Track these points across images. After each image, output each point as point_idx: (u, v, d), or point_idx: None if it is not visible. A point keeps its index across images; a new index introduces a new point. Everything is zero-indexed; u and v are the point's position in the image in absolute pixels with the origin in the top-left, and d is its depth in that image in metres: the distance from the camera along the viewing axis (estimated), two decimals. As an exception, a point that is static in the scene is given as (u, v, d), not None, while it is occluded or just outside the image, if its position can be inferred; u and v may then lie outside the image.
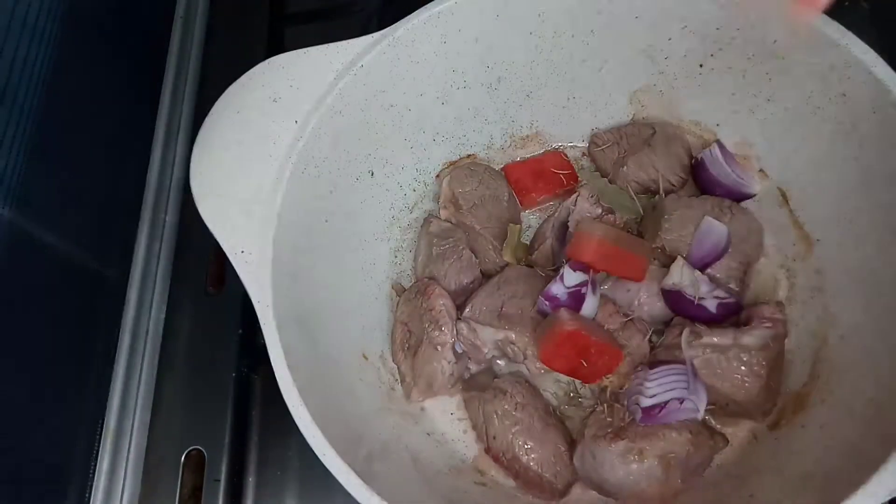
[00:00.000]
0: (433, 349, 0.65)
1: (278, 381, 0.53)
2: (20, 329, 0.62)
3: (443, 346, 0.65)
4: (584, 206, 0.69)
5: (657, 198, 0.72)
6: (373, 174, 0.70)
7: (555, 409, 0.66)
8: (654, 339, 0.65)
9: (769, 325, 0.61)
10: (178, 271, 0.79)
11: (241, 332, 0.74)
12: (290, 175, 0.60)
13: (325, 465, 0.51)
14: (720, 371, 0.61)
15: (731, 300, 0.64)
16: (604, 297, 0.66)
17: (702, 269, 0.66)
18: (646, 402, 0.59)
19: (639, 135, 0.74)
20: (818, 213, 0.67)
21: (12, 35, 0.63)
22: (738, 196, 0.71)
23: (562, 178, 0.76)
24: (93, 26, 0.76)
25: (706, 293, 0.64)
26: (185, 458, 0.70)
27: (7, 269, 0.60)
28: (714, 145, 0.71)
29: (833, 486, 0.50)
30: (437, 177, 0.77)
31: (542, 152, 0.79)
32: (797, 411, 0.62)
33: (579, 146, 0.79)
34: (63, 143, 0.69)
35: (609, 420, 0.61)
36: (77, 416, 0.70)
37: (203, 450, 0.70)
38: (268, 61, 0.64)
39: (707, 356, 0.61)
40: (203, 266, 0.78)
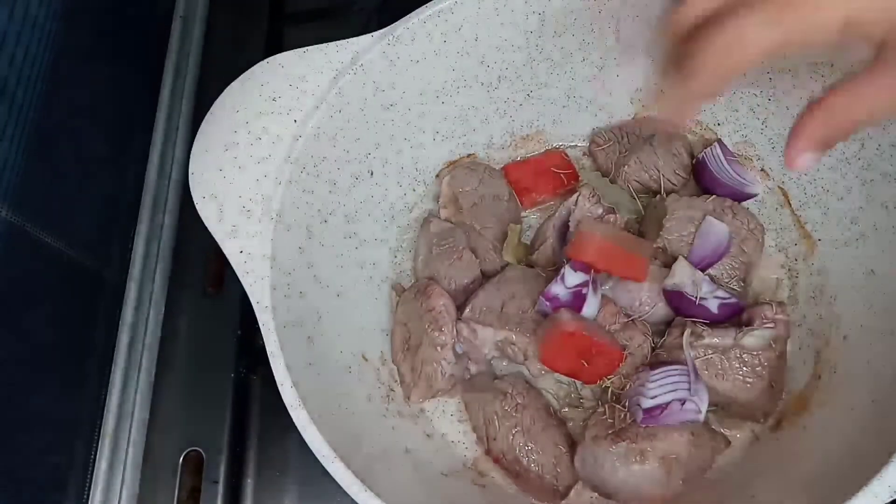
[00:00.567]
0: (433, 350, 0.65)
1: (277, 383, 0.53)
2: (17, 329, 0.62)
3: (443, 347, 0.65)
4: (584, 206, 0.69)
5: (657, 198, 0.72)
6: (372, 174, 0.70)
7: (555, 411, 0.66)
8: (656, 340, 0.65)
9: (771, 325, 0.61)
10: (176, 272, 0.79)
11: (239, 333, 0.74)
12: (289, 175, 0.60)
13: (323, 467, 0.50)
14: (722, 372, 0.60)
15: (733, 300, 0.64)
16: (604, 297, 0.65)
17: (703, 270, 0.66)
18: (647, 403, 0.59)
19: (640, 134, 0.74)
20: (820, 213, 0.67)
21: (10, 33, 0.62)
22: (740, 196, 0.70)
23: (562, 178, 0.76)
24: (91, 25, 0.76)
25: (707, 293, 0.63)
26: (183, 459, 0.69)
27: (4, 269, 0.60)
28: (715, 145, 0.71)
29: (835, 487, 0.49)
30: (437, 176, 0.77)
31: (542, 152, 0.79)
32: (799, 412, 0.61)
33: (580, 145, 0.79)
34: (61, 142, 0.69)
35: (610, 421, 0.60)
36: (75, 417, 0.70)
37: (201, 451, 0.69)
38: (267, 60, 0.63)
39: (708, 357, 0.61)
40: (202, 267, 0.78)
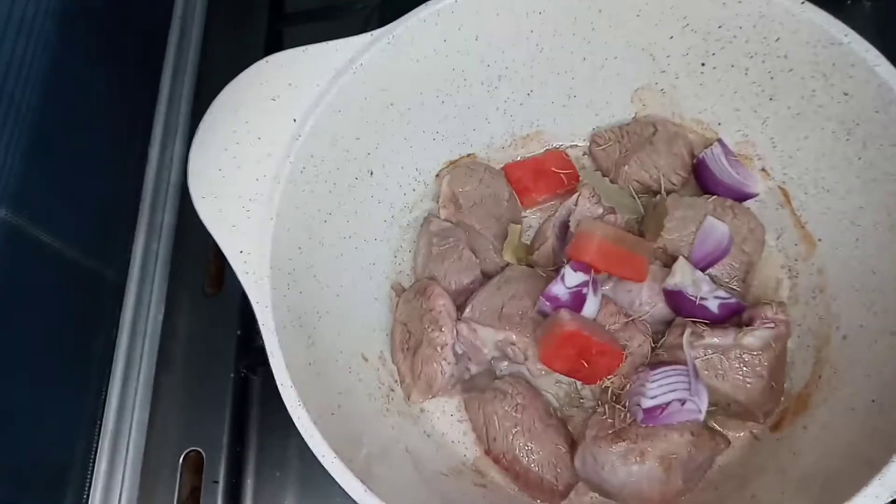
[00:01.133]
0: (433, 350, 0.65)
1: (277, 382, 0.53)
2: (17, 330, 0.62)
3: (443, 347, 0.65)
4: (585, 206, 0.69)
5: (658, 197, 0.72)
6: (372, 173, 0.70)
7: (556, 410, 0.66)
8: (656, 340, 0.65)
9: (772, 325, 0.61)
10: (176, 272, 0.79)
11: (239, 332, 0.74)
12: (288, 174, 0.60)
13: (323, 467, 0.50)
14: (722, 372, 0.60)
15: (733, 300, 0.64)
16: (605, 297, 0.65)
17: (703, 270, 0.65)
18: (647, 403, 0.59)
19: (640, 133, 0.74)
20: (820, 213, 0.67)
21: (9, 34, 0.62)
22: (740, 196, 0.70)
23: (563, 178, 0.75)
24: (90, 25, 0.76)
25: (707, 293, 0.63)
26: (183, 459, 0.69)
27: (4, 269, 0.60)
28: (716, 144, 0.71)
29: (835, 487, 0.49)
30: (437, 176, 0.76)
31: (542, 151, 0.79)
32: (799, 412, 0.61)
33: (580, 145, 0.79)
34: (60, 142, 0.69)
35: (610, 421, 0.60)
36: (75, 417, 0.70)
37: (201, 451, 0.69)
38: (266, 59, 0.63)
39: (709, 357, 0.60)
40: (201, 266, 0.78)
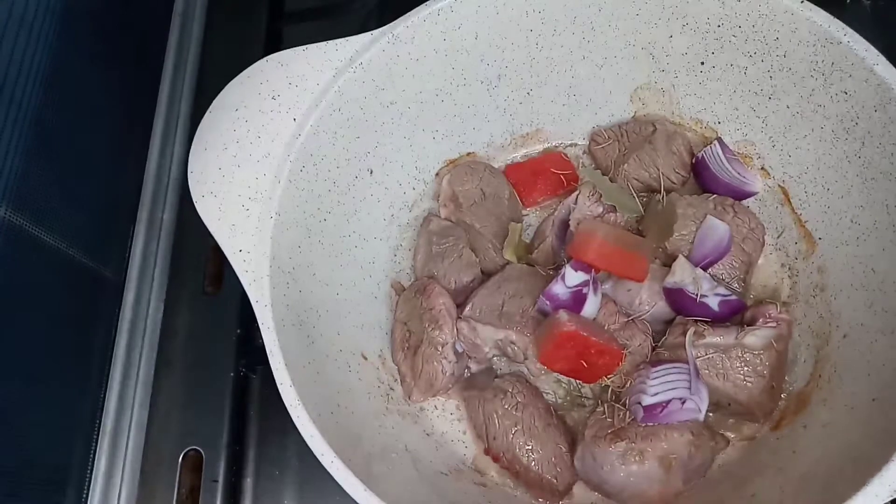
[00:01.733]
0: (433, 349, 0.65)
1: (276, 381, 0.53)
2: (16, 328, 0.62)
3: (443, 346, 0.65)
4: (584, 205, 0.69)
5: (658, 197, 0.71)
6: (372, 172, 0.70)
7: (555, 409, 0.66)
8: (655, 339, 0.65)
9: (773, 324, 0.61)
10: (175, 270, 0.79)
11: (239, 331, 0.74)
12: (288, 173, 0.60)
13: (323, 466, 0.50)
14: (723, 371, 0.60)
15: (733, 298, 0.64)
16: (605, 296, 0.65)
17: (704, 269, 0.65)
18: (648, 401, 0.59)
19: (640, 132, 0.74)
20: (820, 212, 0.67)
21: (9, 33, 0.62)
22: (740, 194, 0.70)
23: (562, 179, 0.75)
24: (90, 24, 0.76)
25: (708, 290, 0.63)
26: (182, 458, 0.69)
27: (4, 269, 0.60)
28: (715, 143, 0.71)
29: (835, 487, 0.49)
30: (437, 175, 0.76)
31: (542, 150, 0.79)
32: (799, 411, 0.61)
33: (580, 144, 0.79)
34: (60, 141, 0.69)
35: (609, 421, 0.60)
36: (74, 417, 0.70)
37: (201, 450, 0.69)
38: (266, 59, 0.63)
39: (710, 356, 0.60)
40: (201, 265, 0.78)
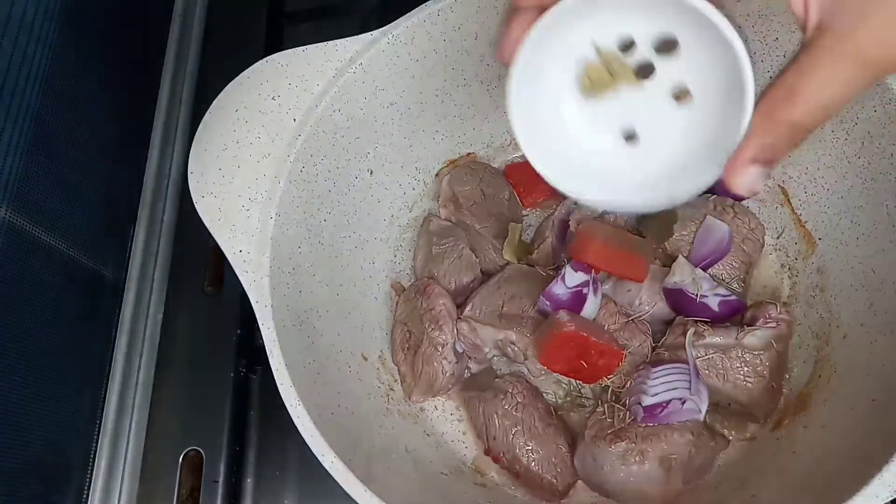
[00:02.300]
0: (433, 349, 0.65)
1: (277, 382, 0.53)
2: (16, 328, 0.62)
3: (443, 346, 0.65)
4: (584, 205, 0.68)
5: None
6: (372, 173, 0.70)
7: (556, 410, 0.66)
8: (655, 340, 0.65)
9: (773, 324, 0.61)
10: (175, 271, 0.79)
11: (239, 332, 0.74)
12: (288, 174, 0.60)
13: (323, 467, 0.50)
14: (723, 371, 0.60)
15: (733, 298, 0.64)
16: (604, 296, 0.65)
17: (704, 269, 0.65)
18: (648, 401, 0.59)
19: (639, 133, 0.74)
20: (820, 212, 0.66)
21: (9, 33, 0.62)
22: (740, 195, 0.70)
23: (562, 178, 0.75)
24: (90, 24, 0.76)
25: (708, 290, 0.63)
26: (182, 458, 0.69)
27: (3, 268, 0.60)
28: (715, 144, 0.71)
29: (835, 487, 0.49)
30: (437, 175, 0.76)
31: (542, 151, 0.79)
32: (799, 412, 0.61)
33: (580, 145, 0.79)
34: (60, 141, 0.69)
35: (609, 421, 0.60)
36: (74, 417, 0.70)
37: (201, 450, 0.69)
38: (266, 59, 0.63)
39: (710, 356, 0.60)
40: (201, 265, 0.78)
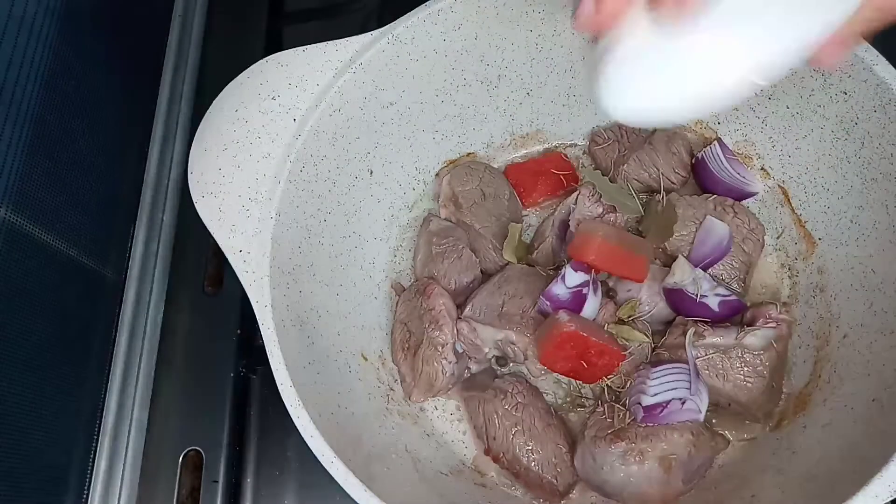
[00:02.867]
0: (433, 349, 0.65)
1: (277, 382, 0.53)
2: (16, 328, 0.62)
3: (443, 347, 0.65)
4: (584, 205, 0.69)
5: (658, 197, 0.71)
6: (372, 173, 0.70)
7: (556, 410, 0.66)
8: (655, 340, 0.65)
9: (773, 325, 0.61)
10: (175, 271, 0.79)
11: (239, 332, 0.74)
12: (288, 174, 0.60)
13: (323, 467, 0.50)
14: (723, 371, 0.60)
15: (733, 298, 0.64)
16: (605, 296, 0.65)
17: (704, 269, 0.65)
18: (648, 401, 0.59)
19: (639, 133, 0.74)
20: (820, 212, 0.67)
21: (9, 33, 0.62)
22: (740, 195, 0.70)
23: (562, 179, 0.75)
24: (91, 24, 0.76)
25: (708, 290, 0.63)
26: (182, 458, 0.69)
27: (3, 268, 0.60)
28: (715, 143, 0.71)
29: (835, 487, 0.49)
30: (437, 175, 0.76)
31: (542, 150, 0.79)
32: (799, 412, 0.61)
33: (580, 144, 0.79)
34: (60, 142, 0.69)
35: (609, 421, 0.60)
36: (74, 417, 0.70)
37: (201, 450, 0.69)
38: (266, 59, 0.63)
39: (710, 356, 0.60)
40: (201, 265, 0.78)
